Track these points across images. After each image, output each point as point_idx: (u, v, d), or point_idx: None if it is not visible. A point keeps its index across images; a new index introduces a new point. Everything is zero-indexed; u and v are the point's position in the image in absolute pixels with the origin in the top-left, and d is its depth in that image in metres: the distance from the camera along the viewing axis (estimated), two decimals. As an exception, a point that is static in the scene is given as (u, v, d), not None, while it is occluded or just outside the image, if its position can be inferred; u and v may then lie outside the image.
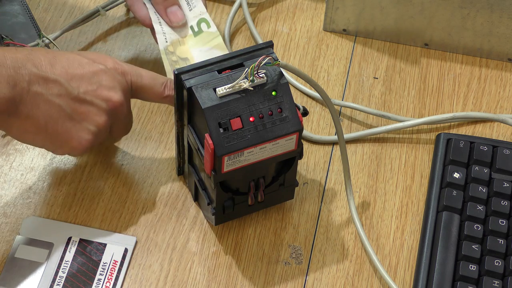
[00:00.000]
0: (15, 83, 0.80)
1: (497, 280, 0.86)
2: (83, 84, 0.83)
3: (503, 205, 0.90)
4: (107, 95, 0.84)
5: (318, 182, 0.95)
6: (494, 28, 1.02)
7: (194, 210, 0.92)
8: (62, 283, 0.86)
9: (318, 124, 0.99)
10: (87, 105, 0.84)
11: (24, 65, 0.81)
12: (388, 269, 0.89)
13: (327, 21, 1.07)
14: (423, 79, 1.04)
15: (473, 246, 0.88)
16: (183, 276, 0.88)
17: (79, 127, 0.84)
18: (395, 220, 0.93)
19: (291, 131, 0.82)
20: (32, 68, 0.81)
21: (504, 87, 1.03)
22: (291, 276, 0.88)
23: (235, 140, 0.81)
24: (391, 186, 0.95)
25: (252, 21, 1.07)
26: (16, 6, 1.03)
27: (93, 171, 0.94)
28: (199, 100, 0.81)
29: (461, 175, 0.92)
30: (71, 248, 0.88)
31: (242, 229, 0.91)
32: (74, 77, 0.83)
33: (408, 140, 0.99)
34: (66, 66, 0.83)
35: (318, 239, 0.91)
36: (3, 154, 0.95)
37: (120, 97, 0.85)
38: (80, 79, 0.83)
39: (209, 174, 0.83)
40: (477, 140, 0.95)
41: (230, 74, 0.83)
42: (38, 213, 0.91)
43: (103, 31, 1.06)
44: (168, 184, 0.94)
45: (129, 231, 0.90)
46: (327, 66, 1.04)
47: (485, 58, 1.06)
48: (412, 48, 1.06)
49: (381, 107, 1.01)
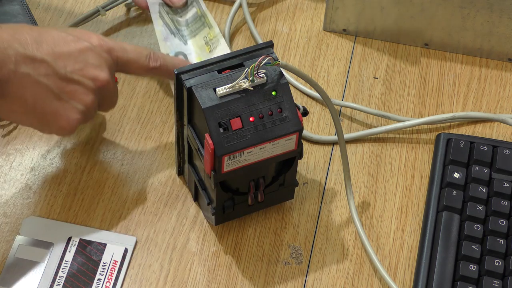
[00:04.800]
0: (2, 64, 0.79)
1: (497, 280, 0.86)
2: (70, 63, 0.83)
3: (503, 205, 0.90)
4: (93, 74, 0.84)
5: (318, 182, 0.95)
6: (494, 28, 1.02)
7: (194, 210, 0.92)
8: (62, 283, 0.86)
9: (318, 124, 0.99)
10: (74, 84, 0.83)
11: (10, 45, 0.80)
12: (388, 269, 0.89)
13: (327, 21, 1.07)
14: (423, 79, 1.04)
15: (473, 246, 0.88)
16: (183, 276, 0.88)
17: (67, 106, 0.83)
18: (395, 220, 0.93)
19: (291, 131, 0.82)
20: (18, 48, 0.80)
21: (504, 87, 1.03)
22: (291, 276, 0.88)
23: (235, 140, 0.81)
24: (391, 186, 0.95)
25: (252, 21, 1.07)
26: (16, 6, 1.03)
27: (93, 171, 0.94)
28: (199, 100, 0.81)
29: (461, 175, 0.92)
30: (71, 248, 0.88)
31: (242, 229, 0.91)
32: (61, 56, 0.83)
33: (408, 140, 0.99)
34: (52, 44, 0.83)
35: (318, 239, 0.91)
36: (3, 154, 0.95)
37: (106, 75, 0.85)
38: (66, 57, 0.83)
39: (209, 174, 0.83)
40: (477, 140, 0.95)
41: (230, 74, 0.83)
42: (38, 213, 0.91)
43: (103, 31, 1.06)
44: (168, 184, 0.94)
45: (129, 231, 0.90)
46: (327, 66, 1.04)
47: (485, 58, 1.06)
48: (412, 48, 1.06)
49: (381, 107, 1.01)
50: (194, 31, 0.94)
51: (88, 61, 0.84)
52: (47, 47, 0.82)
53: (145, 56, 0.88)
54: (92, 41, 0.85)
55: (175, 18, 0.94)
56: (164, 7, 0.95)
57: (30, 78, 0.81)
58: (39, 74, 0.81)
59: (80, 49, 0.84)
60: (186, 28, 0.94)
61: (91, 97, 0.84)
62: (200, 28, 0.94)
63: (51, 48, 0.83)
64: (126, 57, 0.87)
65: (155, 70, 0.89)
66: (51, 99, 0.83)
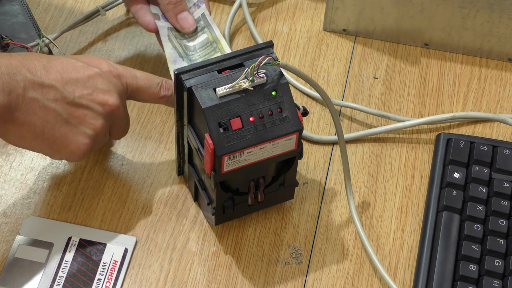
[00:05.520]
0: (11, 89, 0.80)
1: (497, 280, 0.86)
2: (79, 88, 0.83)
3: (503, 205, 0.90)
4: (103, 99, 0.84)
5: (318, 182, 0.95)
6: (494, 28, 1.02)
7: (194, 210, 0.92)
8: (62, 283, 0.86)
9: (318, 124, 0.99)
10: (83, 109, 0.83)
11: (19, 71, 0.80)
12: (388, 269, 0.89)
13: (327, 21, 1.07)
14: (423, 79, 1.04)
15: (473, 246, 0.88)
16: (183, 276, 0.88)
17: (76, 131, 0.84)
18: (395, 220, 0.93)
19: (291, 131, 0.82)
20: (27, 74, 0.81)
21: (504, 87, 1.03)
22: (291, 276, 0.88)
23: (235, 140, 0.81)
24: (391, 186, 0.95)
25: (252, 21, 1.07)
26: (16, 6, 1.03)
27: (93, 171, 0.94)
28: (199, 100, 0.81)
29: (461, 175, 0.92)
30: (71, 248, 0.88)
31: (242, 229, 0.91)
32: (69, 81, 0.83)
33: (408, 140, 0.99)
34: (61, 70, 0.83)
35: (318, 239, 0.91)
36: (3, 154, 0.95)
37: (116, 100, 0.85)
38: (75, 83, 0.83)
39: (209, 174, 0.83)
40: (477, 140, 0.95)
41: (230, 74, 0.83)
42: (38, 213, 0.91)
43: (103, 31, 1.06)
44: (168, 184, 0.94)
45: (129, 231, 0.90)
46: (327, 66, 1.04)
47: (485, 58, 1.06)
48: (412, 48, 1.06)
49: (381, 107, 1.01)
50: (203, 56, 0.94)
51: (97, 86, 0.84)
52: (55, 73, 0.83)
53: (156, 84, 0.88)
54: (102, 67, 0.86)
55: (183, 43, 0.94)
56: (173, 31, 0.95)
57: (38, 103, 0.81)
58: (47, 99, 0.82)
59: (89, 75, 0.84)
60: (194, 53, 0.94)
61: (101, 122, 0.84)
62: (210, 54, 0.93)
63: (59, 74, 0.83)
64: (136, 84, 0.87)
65: (166, 99, 0.89)
66: (60, 124, 0.83)
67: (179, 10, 0.94)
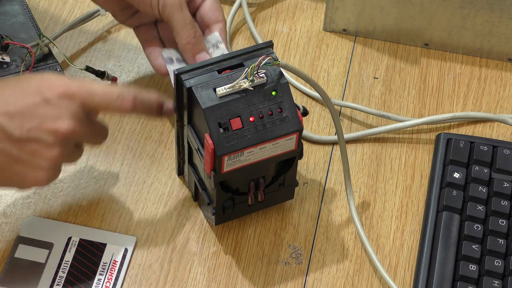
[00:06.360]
0: None
1: (497, 280, 0.86)
2: (26, 121, 0.79)
3: (503, 205, 0.90)
4: (53, 127, 0.80)
5: (318, 182, 0.95)
6: (494, 28, 1.02)
7: (194, 210, 0.92)
8: (62, 283, 0.86)
9: (318, 124, 0.99)
10: (34, 143, 0.79)
11: None
12: (388, 269, 0.89)
13: (327, 21, 1.07)
14: (423, 79, 1.04)
15: (473, 246, 0.88)
16: (183, 276, 0.88)
17: (31, 167, 0.80)
18: (395, 220, 0.93)
19: (291, 131, 0.82)
20: None
21: (504, 87, 1.03)
22: (291, 276, 0.88)
23: (235, 140, 0.81)
24: (391, 186, 0.95)
25: (252, 21, 1.07)
26: (16, 6, 1.03)
27: (93, 171, 0.94)
28: (199, 100, 0.81)
29: (461, 175, 0.92)
30: (71, 248, 0.88)
31: (242, 229, 0.91)
32: (16, 114, 0.79)
33: (408, 140, 0.99)
34: (6, 101, 0.79)
35: (318, 239, 0.91)
36: (3, 154, 0.95)
37: (68, 125, 0.80)
38: (21, 116, 0.79)
39: (209, 174, 0.83)
40: (477, 140, 0.95)
41: (230, 74, 0.83)
42: (38, 213, 0.91)
43: (103, 31, 1.06)
44: (168, 184, 0.94)
45: (129, 231, 0.90)
46: (327, 66, 1.04)
47: (485, 58, 1.06)
48: (412, 48, 1.06)
49: (381, 107, 1.01)
50: None
51: (46, 114, 0.79)
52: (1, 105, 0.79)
53: (116, 98, 0.82)
54: (53, 89, 0.80)
55: None
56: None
57: None
58: None
59: (34, 104, 0.79)
60: None
61: (56, 151, 0.80)
62: None
63: (5, 107, 0.79)
64: (93, 102, 0.82)
65: (132, 112, 0.83)
66: (12, 163, 0.80)
67: (197, 51, 0.91)
